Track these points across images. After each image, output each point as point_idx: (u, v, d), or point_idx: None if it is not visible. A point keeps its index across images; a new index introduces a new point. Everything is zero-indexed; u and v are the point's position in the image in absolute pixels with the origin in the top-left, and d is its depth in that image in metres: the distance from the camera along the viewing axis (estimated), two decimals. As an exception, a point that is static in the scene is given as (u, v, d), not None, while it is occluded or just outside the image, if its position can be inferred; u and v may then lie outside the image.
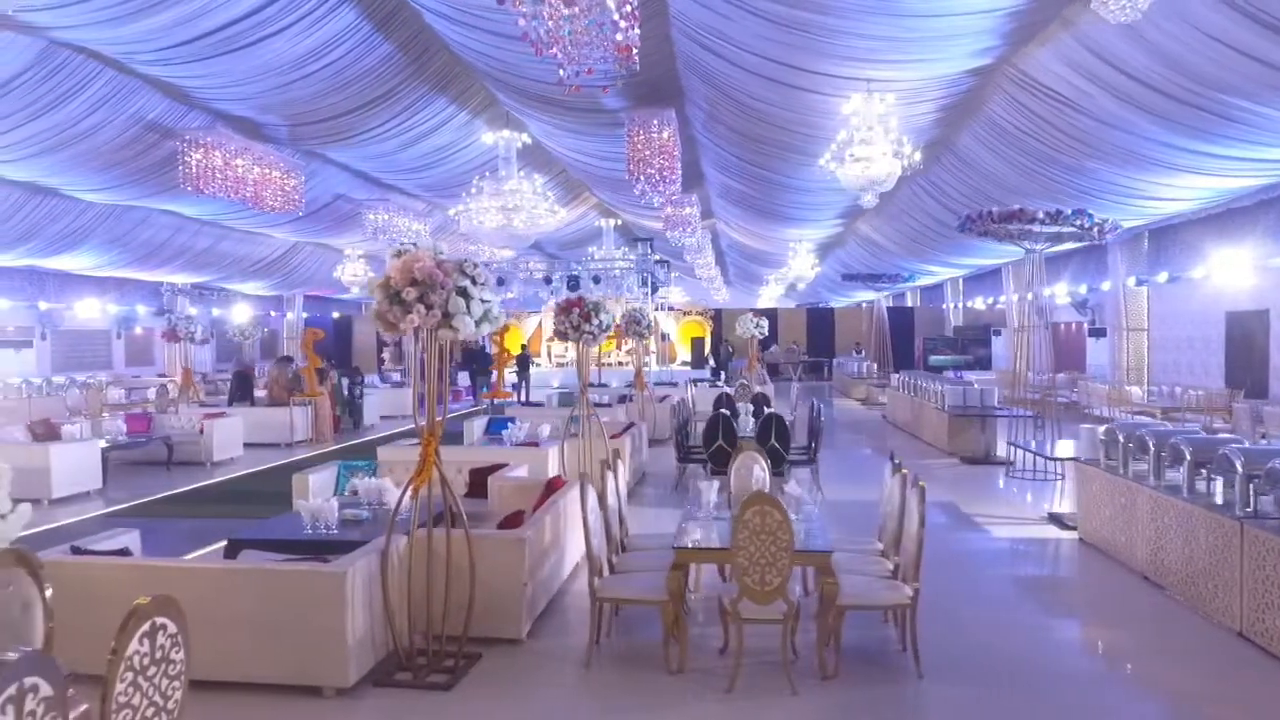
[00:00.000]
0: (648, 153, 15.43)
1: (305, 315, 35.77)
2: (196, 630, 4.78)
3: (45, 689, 2.58)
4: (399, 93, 16.63)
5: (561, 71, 9.58)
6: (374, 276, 4.97)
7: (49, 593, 3.63)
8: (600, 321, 9.58)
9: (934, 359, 27.06)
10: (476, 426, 12.44)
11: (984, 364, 26.93)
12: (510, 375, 24.95)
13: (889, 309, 35.73)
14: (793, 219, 22.71)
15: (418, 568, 5.40)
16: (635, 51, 9.46)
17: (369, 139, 18.17)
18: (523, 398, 22.52)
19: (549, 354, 32.10)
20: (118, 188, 18.34)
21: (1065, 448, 10.35)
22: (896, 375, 19.48)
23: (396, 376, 25.80)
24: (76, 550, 5.14)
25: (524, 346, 25.20)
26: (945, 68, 11.63)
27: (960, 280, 30.65)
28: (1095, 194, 13.72)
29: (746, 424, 10.45)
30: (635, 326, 14.02)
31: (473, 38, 14.20)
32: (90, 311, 25.14)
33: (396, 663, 5.25)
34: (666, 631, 5.20)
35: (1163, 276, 17.52)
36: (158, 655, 2.97)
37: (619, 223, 30.49)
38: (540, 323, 33.13)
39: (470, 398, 24.73)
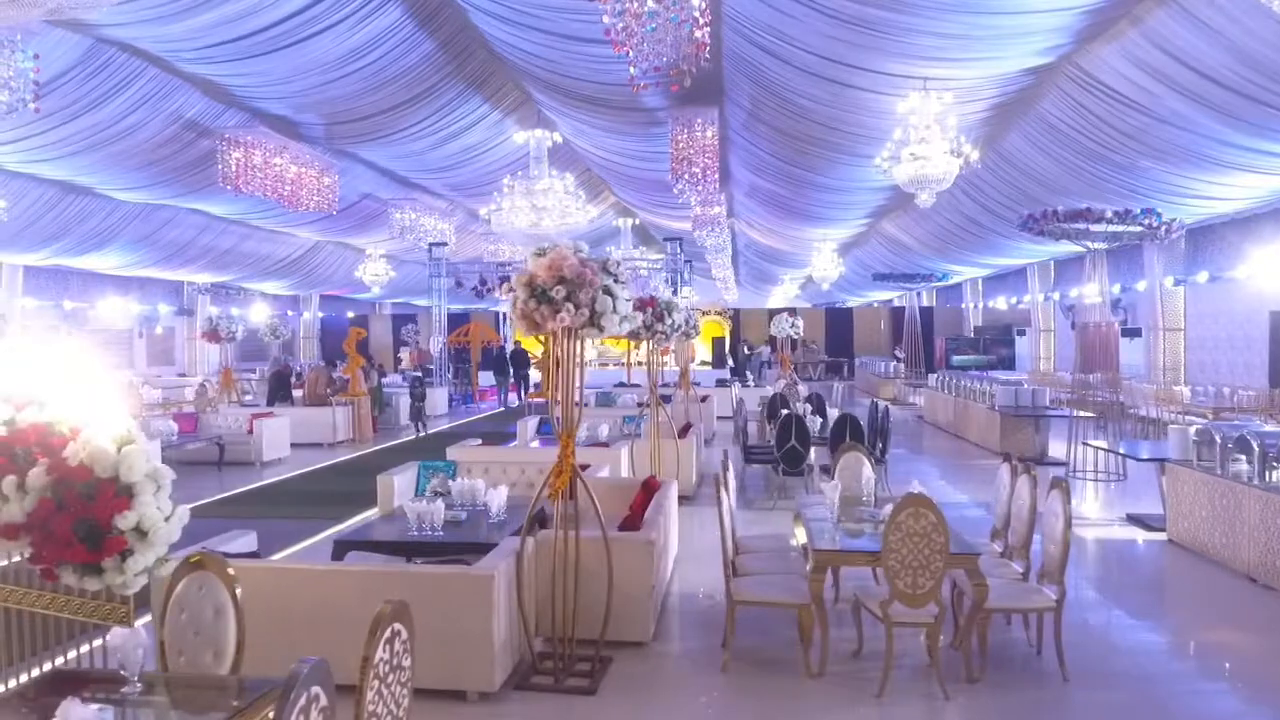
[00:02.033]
0: (691, 152, 15.37)
1: (321, 315, 35.70)
2: (341, 635, 4.72)
3: (324, 699, 2.52)
4: (436, 91, 16.58)
5: (632, 69, 9.59)
6: (520, 273, 4.89)
7: (239, 592, 3.56)
8: (673, 321, 9.52)
9: (956, 359, 26.95)
10: (529, 427, 12.35)
11: (1007, 364, 26.83)
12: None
13: (902, 309, 35.71)
14: (822, 218, 22.66)
15: (548, 569, 5.33)
16: (706, 49, 9.45)
17: (404, 137, 18.11)
18: None
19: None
20: (150, 187, 18.26)
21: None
22: (934, 375, 19.40)
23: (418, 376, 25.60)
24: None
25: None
26: (1006, 66, 11.59)
27: (980, 280, 30.61)
28: (1143, 192, 13.68)
29: (813, 424, 10.38)
30: (683, 326, 13.93)
31: (518, 35, 14.13)
32: (112, 311, 25.02)
33: (530, 666, 5.18)
34: (806, 635, 5.13)
35: (1203, 276, 17.47)
36: (395, 662, 2.91)
37: (636, 222, 30.45)
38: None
39: (496, 398, 24.60)
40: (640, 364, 29.79)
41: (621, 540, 5.48)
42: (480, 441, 10.38)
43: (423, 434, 17.35)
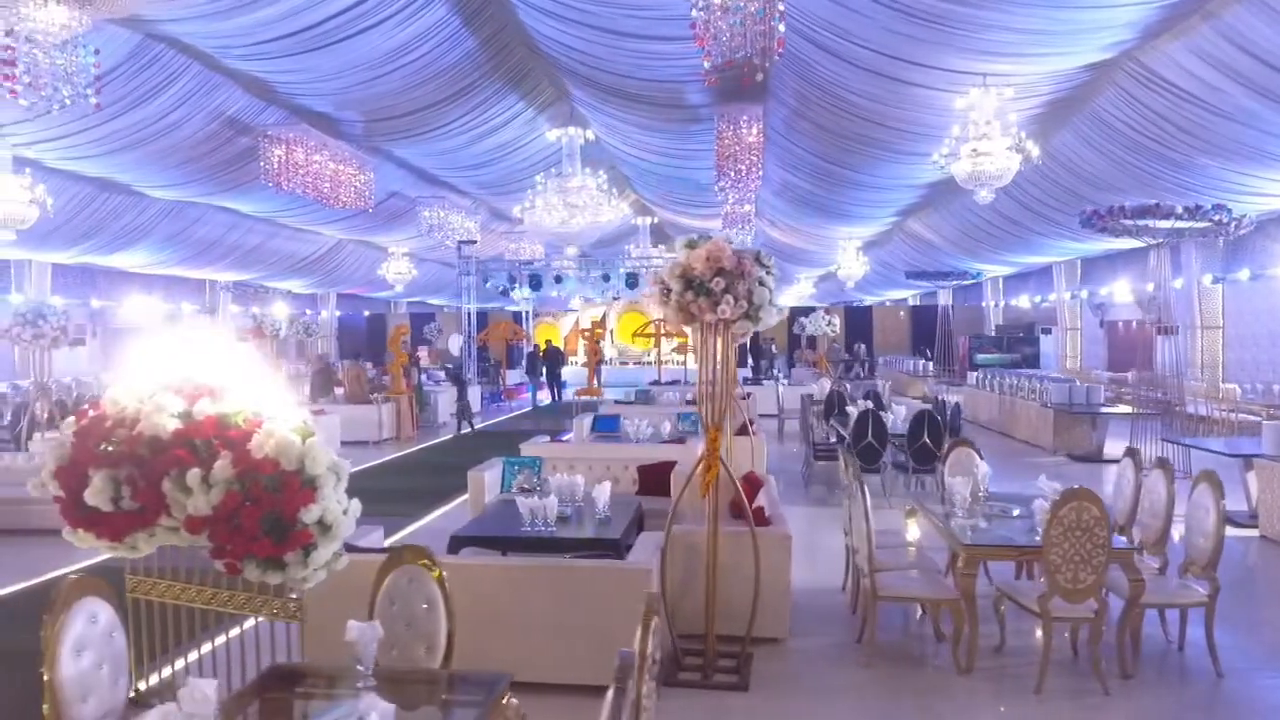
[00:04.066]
0: (737, 149, 15.31)
1: (339, 313, 35.63)
2: (495, 630, 4.67)
3: (630, 691, 2.47)
4: (475, 88, 16.53)
5: (706, 63, 9.59)
6: (673, 264, 4.83)
7: (448, 585, 3.51)
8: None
9: (980, 358, 26.87)
10: (584, 425, 12.27)
11: (1031, 362, 26.75)
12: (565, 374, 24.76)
13: (922, 308, 35.63)
14: (853, 216, 22.62)
15: (679, 564, 5.28)
16: (784, 44, 9.43)
17: (440, 134, 18.05)
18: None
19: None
20: (185, 184, 18.18)
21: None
22: (975, 373, 19.37)
23: (442, 375, 25.48)
24: (350, 548, 4.97)
25: (598, 347, 25.06)
26: (1069, 62, 11.55)
27: (1000, 278, 30.54)
28: (1195, 189, 13.64)
29: (886, 420, 10.32)
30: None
31: (565, 30, 14.06)
32: (137, 309, 24.94)
33: (674, 663, 5.12)
34: (956, 631, 5.08)
35: (1244, 274, 17.47)
36: (654, 655, 2.85)
37: (655, 220, 30.41)
38: (577, 320, 32.93)
39: (527, 396, 24.45)
40: (663, 362, 29.77)
41: (760, 535, 5.41)
42: (549, 439, 10.33)
43: (468, 431, 17.06)
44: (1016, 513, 5.62)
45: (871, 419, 9.64)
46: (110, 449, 4.09)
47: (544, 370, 23.42)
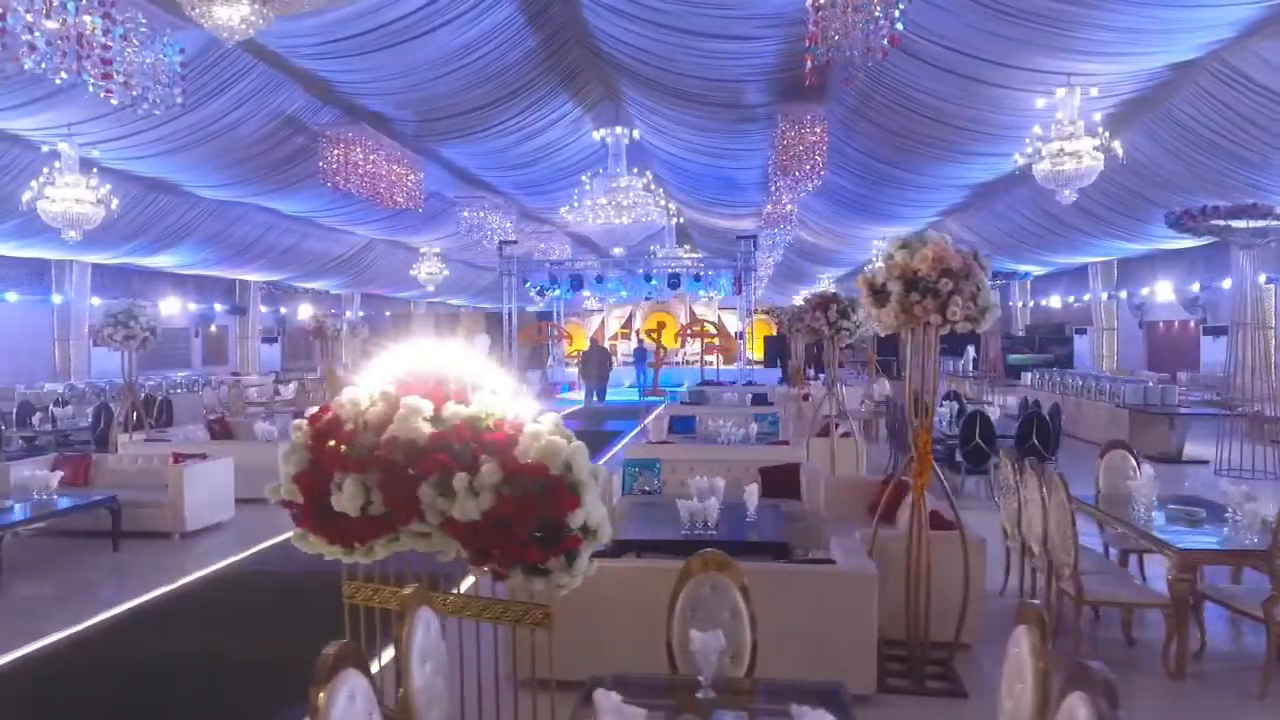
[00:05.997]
0: (801, 148, 15.23)
1: (362, 313, 35.49)
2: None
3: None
4: (530, 88, 16.45)
5: (809, 62, 9.51)
6: (889, 265, 4.76)
7: (750, 593, 3.43)
8: (856, 320, 9.45)
9: (1012, 358, 26.87)
10: (663, 425, 12.21)
11: (1064, 363, 26.73)
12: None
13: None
14: (893, 217, 22.54)
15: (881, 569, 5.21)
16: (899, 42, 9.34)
17: (492, 134, 17.97)
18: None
19: (617, 353, 31.89)
20: (235, 185, 18.08)
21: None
22: (1029, 374, 19.35)
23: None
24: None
25: (662, 346, 25.06)
26: (1155, 61, 11.50)
27: (1029, 278, 30.52)
28: (1268, 189, 13.61)
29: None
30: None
31: (632, 29, 13.97)
32: (170, 310, 24.79)
33: (881, 668, 5.04)
34: (1169, 635, 5.02)
35: (1303, 273, 17.49)
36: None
37: (681, 220, 30.39)
38: (603, 321, 32.88)
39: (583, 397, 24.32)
40: (688, 362, 29.72)
41: (952, 539, 5.34)
42: (647, 439, 10.26)
43: None
44: (1202, 515, 5.56)
45: (979, 420, 9.58)
46: (355, 454, 4.00)
47: (595, 371, 23.33)
